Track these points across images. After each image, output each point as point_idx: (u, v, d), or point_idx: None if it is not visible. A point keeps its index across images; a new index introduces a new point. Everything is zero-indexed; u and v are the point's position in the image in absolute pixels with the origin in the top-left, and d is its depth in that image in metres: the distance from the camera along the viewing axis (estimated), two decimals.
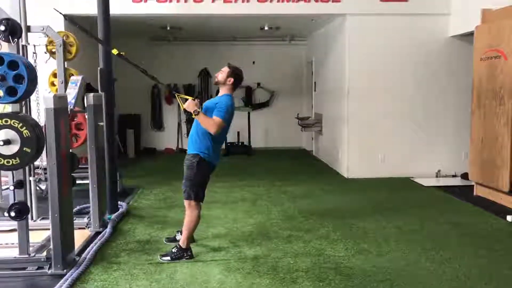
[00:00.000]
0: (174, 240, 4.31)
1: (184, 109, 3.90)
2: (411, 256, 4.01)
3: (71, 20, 4.13)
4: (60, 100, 3.58)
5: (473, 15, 6.36)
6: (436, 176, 7.50)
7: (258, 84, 11.00)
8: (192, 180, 3.89)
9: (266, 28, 9.04)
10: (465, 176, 7.05)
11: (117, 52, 4.08)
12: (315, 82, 9.92)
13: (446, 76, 7.48)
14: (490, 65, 5.86)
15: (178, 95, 4.09)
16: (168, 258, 3.90)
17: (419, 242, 4.36)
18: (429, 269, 3.71)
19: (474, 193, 6.29)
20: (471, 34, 6.55)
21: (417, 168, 7.52)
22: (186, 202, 3.96)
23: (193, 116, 3.82)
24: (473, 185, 6.37)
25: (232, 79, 4.00)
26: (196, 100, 3.88)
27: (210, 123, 3.78)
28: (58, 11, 4.16)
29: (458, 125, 7.47)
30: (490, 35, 5.89)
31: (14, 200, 3.72)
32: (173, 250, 3.95)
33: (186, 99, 3.88)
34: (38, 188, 5.05)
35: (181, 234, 4.27)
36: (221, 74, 4.03)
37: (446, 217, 5.19)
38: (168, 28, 8.93)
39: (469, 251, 4.11)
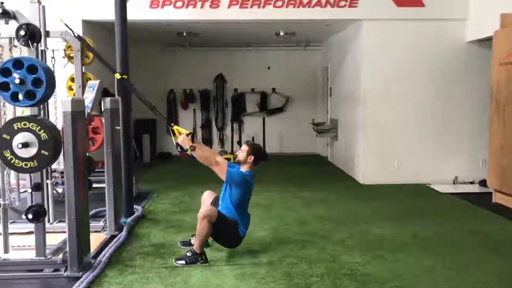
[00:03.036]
0: (189, 244, 4.31)
1: (177, 144, 3.92)
2: (428, 263, 3.95)
3: (80, 38, 4.18)
4: (77, 103, 3.62)
5: (491, 20, 6.28)
6: (453, 183, 7.40)
7: (273, 89, 11.01)
8: (220, 226, 3.93)
9: (281, 33, 9.04)
10: (483, 183, 6.95)
11: (120, 76, 4.14)
12: (330, 88, 9.88)
13: (463, 82, 7.40)
14: (510, 70, 5.78)
15: (175, 127, 4.04)
16: (183, 262, 3.90)
17: (435, 249, 4.30)
18: (446, 276, 3.65)
19: (493, 200, 6.19)
20: (489, 39, 6.48)
21: (434, 174, 7.44)
22: (201, 214, 3.88)
23: (189, 152, 3.83)
24: (491, 192, 6.27)
25: (252, 157, 4.06)
26: (189, 135, 3.91)
27: (207, 157, 3.89)
28: (69, 28, 4.20)
29: (476, 131, 7.37)
30: (509, 40, 5.81)
31: (32, 203, 3.76)
32: (188, 254, 3.94)
33: (181, 133, 3.90)
34: (55, 191, 5.10)
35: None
36: (242, 153, 4.09)
37: (463, 224, 5.12)
38: (185, 34, 8.98)
39: (487, 259, 4.04)
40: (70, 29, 4.22)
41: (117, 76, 4.13)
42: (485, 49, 7.17)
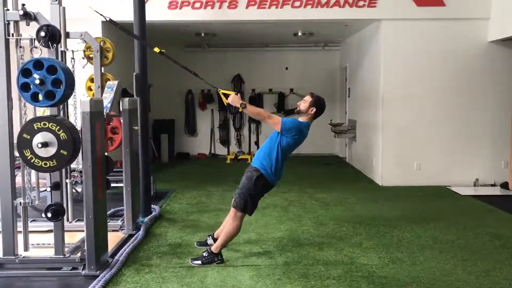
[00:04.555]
0: (205, 244, 4.32)
1: (228, 104, 3.90)
2: (447, 266, 3.89)
3: (112, 22, 4.22)
4: (96, 104, 3.66)
5: None
6: (474, 185, 7.28)
7: (291, 89, 10.97)
8: (245, 192, 3.88)
9: (299, 34, 9.01)
10: (505, 185, 6.82)
11: (159, 50, 4.15)
12: (349, 88, 9.81)
13: (484, 82, 7.27)
14: None
15: (220, 91, 4.08)
16: (199, 262, 3.91)
17: (455, 253, 4.23)
18: (465, 280, 3.59)
19: None
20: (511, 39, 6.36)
21: (454, 176, 7.32)
22: (232, 210, 3.95)
23: (240, 109, 3.80)
24: None
25: (314, 109, 3.93)
26: (238, 94, 3.89)
27: (260, 111, 3.84)
28: (101, 14, 4.24)
29: (497, 132, 7.24)
30: None
31: (51, 202, 3.81)
32: (204, 255, 3.95)
33: (228, 95, 3.88)
34: (74, 190, 5.16)
35: (212, 238, 4.29)
36: (304, 104, 3.97)
37: (484, 228, 5.02)
38: (203, 34, 9.02)
39: (508, 264, 3.95)
40: (101, 14, 4.24)
41: (156, 50, 4.14)
42: (508, 49, 7.03)
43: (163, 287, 3.47)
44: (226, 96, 3.90)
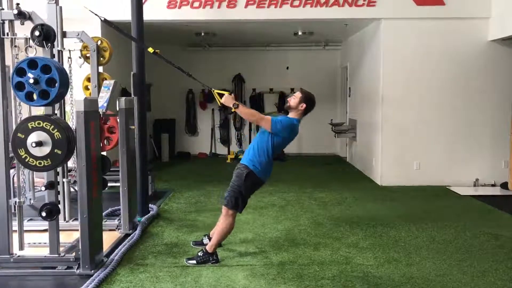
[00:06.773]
0: (201, 243, 4.32)
1: (222, 104, 3.88)
2: (443, 266, 3.87)
3: (106, 21, 4.22)
4: (91, 103, 3.66)
5: None
6: (474, 185, 7.24)
7: (292, 89, 10.94)
8: (235, 189, 3.88)
9: (299, 33, 8.99)
10: (505, 185, 6.79)
11: (153, 50, 4.15)
12: (349, 88, 9.78)
13: (485, 82, 7.23)
14: None
15: (214, 91, 4.06)
16: (194, 261, 3.91)
17: (452, 253, 4.20)
18: (461, 281, 3.57)
19: None
20: None
21: (454, 176, 7.29)
22: (224, 208, 3.96)
23: (233, 110, 3.77)
24: None
25: (304, 105, 3.91)
26: (232, 94, 3.88)
27: (252, 113, 3.82)
28: (95, 14, 4.24)
29: (498, 132, 7.20)
30: None
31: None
32: (199, 254, 3.95)
33: (222, 95, 3.86)
34: (73, 189, 5.16)
35: (208, 238, 4.28)
36: (294, 99, 3.93)
37: (483, 228, 4.99)
38: (203, 34, 9.01)
39: (506, 265, 3.92)
40: (96, 14, 4.24)
41: (150, 50, 4.14)
42: (508, 48, 6.99)
43: (157, 286, 3.47)
44: (221, 96, 3.88)
